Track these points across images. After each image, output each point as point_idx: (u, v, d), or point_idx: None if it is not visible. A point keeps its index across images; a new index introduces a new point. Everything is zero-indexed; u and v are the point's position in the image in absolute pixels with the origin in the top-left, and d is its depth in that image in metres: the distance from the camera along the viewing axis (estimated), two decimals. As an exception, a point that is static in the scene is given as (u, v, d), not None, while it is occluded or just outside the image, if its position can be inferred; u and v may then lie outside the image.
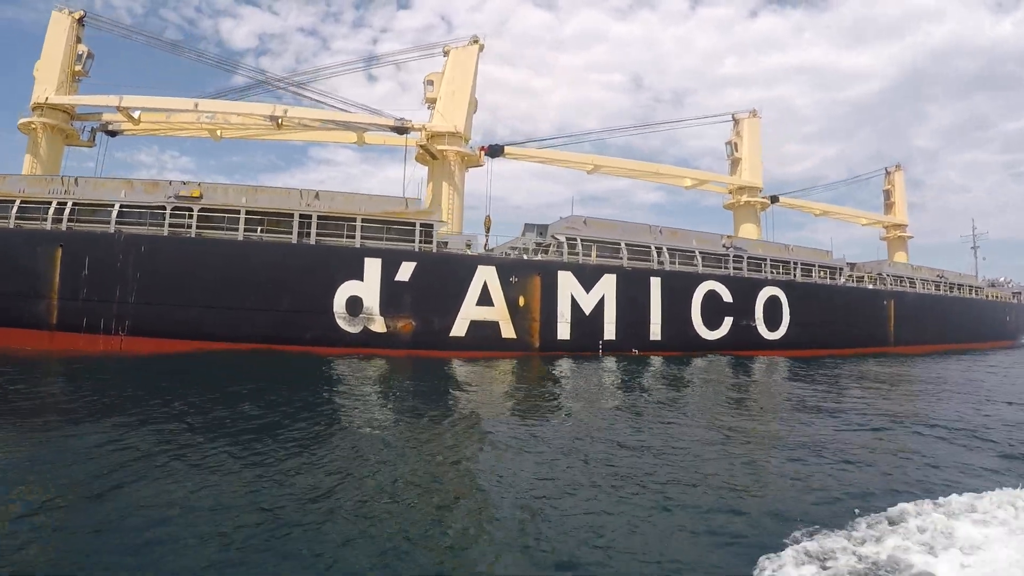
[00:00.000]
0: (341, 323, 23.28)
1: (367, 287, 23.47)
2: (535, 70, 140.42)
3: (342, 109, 31.49)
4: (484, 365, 21.98)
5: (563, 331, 25.66)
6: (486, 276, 24.62)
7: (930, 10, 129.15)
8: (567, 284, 25.87)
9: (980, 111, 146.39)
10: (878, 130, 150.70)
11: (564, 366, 22.51)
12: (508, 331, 24.75)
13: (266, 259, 23.27)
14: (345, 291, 23.33)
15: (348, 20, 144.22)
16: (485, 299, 24.52)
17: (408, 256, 24.02)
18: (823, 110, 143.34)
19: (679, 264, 29.77)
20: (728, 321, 29.75)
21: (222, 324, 22.71)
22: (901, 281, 38.69)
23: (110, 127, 30.37)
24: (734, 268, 31.31)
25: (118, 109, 28.78)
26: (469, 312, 24.32)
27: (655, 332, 27.68)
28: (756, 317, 30.76)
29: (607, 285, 26.65)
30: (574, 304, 25.92)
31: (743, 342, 30.20)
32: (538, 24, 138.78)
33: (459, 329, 24.17)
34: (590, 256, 27.60)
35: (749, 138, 40.18)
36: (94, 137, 30.46)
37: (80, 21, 29.47)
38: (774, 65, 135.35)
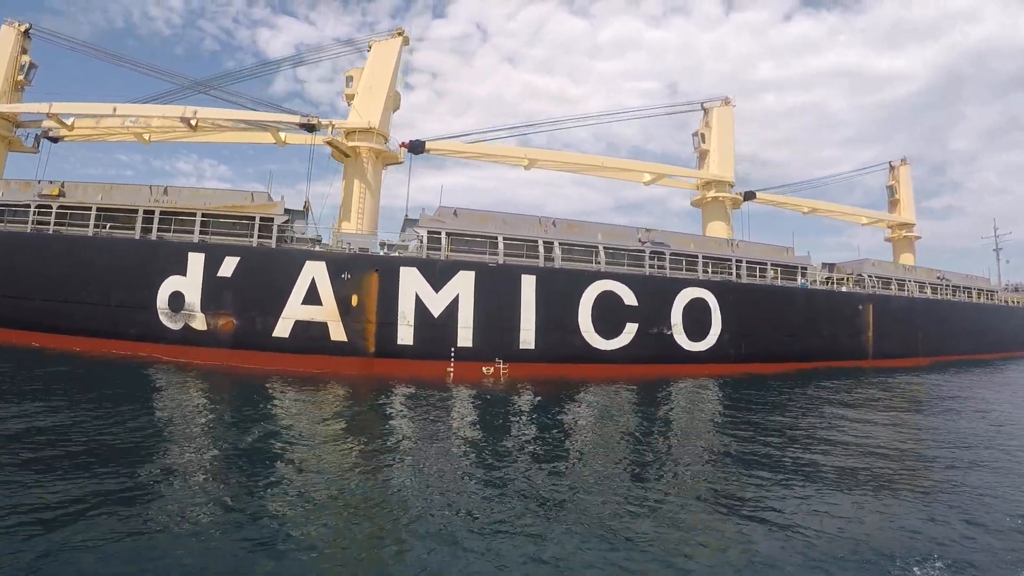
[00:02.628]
0: (164, 319, 22.69)
1: (189, 283, 22.67)
2: (572, 78, 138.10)
3: (252, 108, 31.44)
4: (304, 394, 19.40)
5: (405, 335, 23.01)
6: (314, 272, 22.74)
7: (967, 10, 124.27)
8: (411, 282, 23.18)
9: (1019, 112, 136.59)
10: (915, 133, 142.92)
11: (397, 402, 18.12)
12: (338, 333, 22.66)
13: (98, 255, 23.37)
14: (168, 287, 22.70)
15: (383, 29, 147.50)
16: (312, 297, 22.64)
17: (232, 251, 22.87)
18: (859, 114, 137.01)
19: (577, 261, 25.82)
20: (632, 328, 25.14)
21: (61, 317, 23.12)
22: (888, 283, 30.80)
23: (50, 133, 32.64)
24: (651, 266, 26.57)
25: (48, 115, 30.80)
26: (294, 311, 22.58)
27: (526, 340, 24.00)
28: (672, 324, 25.75)
29: (462, 284, 23.54)
30: (419, 305, 23.15)
31: (654, 354, 25.41)
32: (574, 32, 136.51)
33: (282, 329, 22.53)
34: (462, 252, 24.73)
35: (719, 128, 34.36)
36: (38, 143, 32.94)
37: (26, 33, 31.97)
38: (809, 68, 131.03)
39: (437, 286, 23.30)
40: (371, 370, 22.43)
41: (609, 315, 24.88)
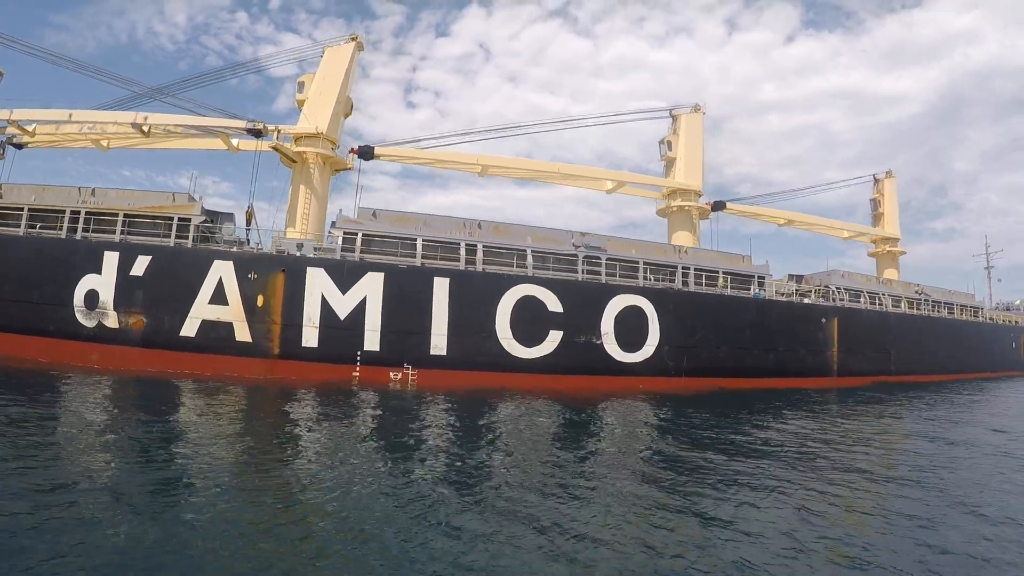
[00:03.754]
0: (79, 316, 22.94)
1: (104, 281, 22.85)
2: (575, 97, 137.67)
3: (201, 114, 31.76)
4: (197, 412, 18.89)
5: (310, 338, 22.45)
6: (222, 272, 22.51)
7: (968, 32, 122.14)
8: (317, 283, 22.63)
9: (1020, 133, 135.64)
10: (918, 154, 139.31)
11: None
12: (243, 334, 22.32)
13: (21, 252, 23.89)
14: (85, 285, 22.95)
15: (387, 48, 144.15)
16: (219, 297, 22.40)
17: (144, 250, 22.94)
18: (861, 134, 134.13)
19: (504, 266, 24.70)
20: (556, 336, 23.77)
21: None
22: (858, 296, 28.15)
23: (14, 140, 33.95)
24: (586, 272, 25.14)
25: (8, 122, 32.08)
26: (201, 311, 22.40)
27: (438, 346, 23.03)
28: (602, 332, 24.23)
29: (370, 285, 22.81)
30: (325, 307, 22.56)
31: (581, 364, 23.94)
32: (576, 52, 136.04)
33: (189, 329, 22.37)
34: (376, 254, 24.06)
35: (687, 135, 32.72)
36: (3, 150, 34.24)
37: None
38: (813, 90, 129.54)
39: (344, 287, 22.67)
40: (274, 372, 21.99)
41: (530, 321, 23.62)
